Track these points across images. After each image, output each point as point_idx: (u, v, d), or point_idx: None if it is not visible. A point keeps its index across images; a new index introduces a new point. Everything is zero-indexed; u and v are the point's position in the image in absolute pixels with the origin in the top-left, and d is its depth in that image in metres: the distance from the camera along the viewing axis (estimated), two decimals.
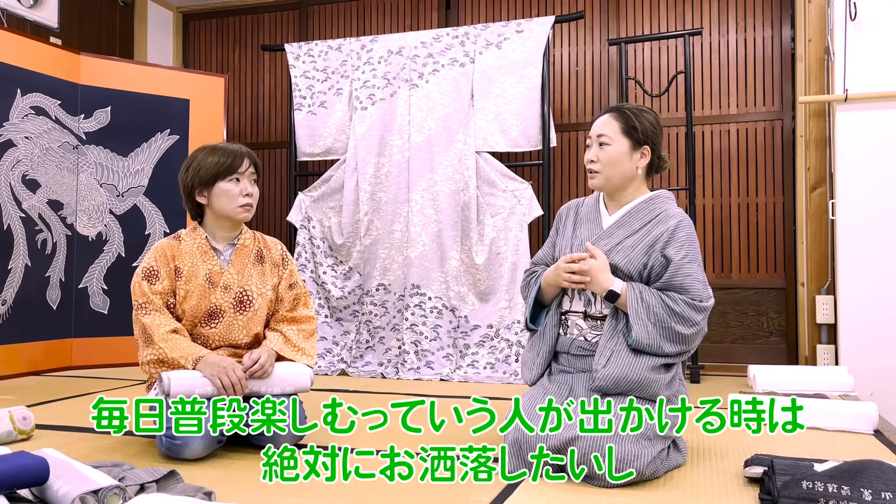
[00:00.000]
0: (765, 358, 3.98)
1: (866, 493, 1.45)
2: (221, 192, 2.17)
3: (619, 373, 1.86)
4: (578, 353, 2.02)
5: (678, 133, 4.22)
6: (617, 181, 2.04)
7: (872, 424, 2.38)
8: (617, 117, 2.05)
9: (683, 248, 1.94)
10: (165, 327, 2.09)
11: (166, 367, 2.05)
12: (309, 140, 4.22)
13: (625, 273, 1.96)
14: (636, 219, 2.03)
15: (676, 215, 2.00)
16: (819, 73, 3.73)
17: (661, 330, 1.87)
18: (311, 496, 1.66)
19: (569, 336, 2.05)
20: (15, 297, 3.61)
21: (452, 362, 3.79)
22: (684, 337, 1.87)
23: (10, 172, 3.60)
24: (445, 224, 3.87)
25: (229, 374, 2.01)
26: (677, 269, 1.91)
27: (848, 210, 3.43)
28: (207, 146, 2.23)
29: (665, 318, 1.87)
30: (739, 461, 1.94)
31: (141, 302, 2.12)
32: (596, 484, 1.73)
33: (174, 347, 2.06)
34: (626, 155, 2.02)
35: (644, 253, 1.96)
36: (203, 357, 2.05)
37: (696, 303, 1.88)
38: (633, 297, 1.89)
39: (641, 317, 1.87)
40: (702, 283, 1.92)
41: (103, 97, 4.02)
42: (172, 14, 5.21)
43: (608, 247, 2.01)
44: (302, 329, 2.30)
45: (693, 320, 1.88)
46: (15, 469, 1.44)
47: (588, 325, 2.02)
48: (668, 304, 1.88)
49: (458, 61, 3.96)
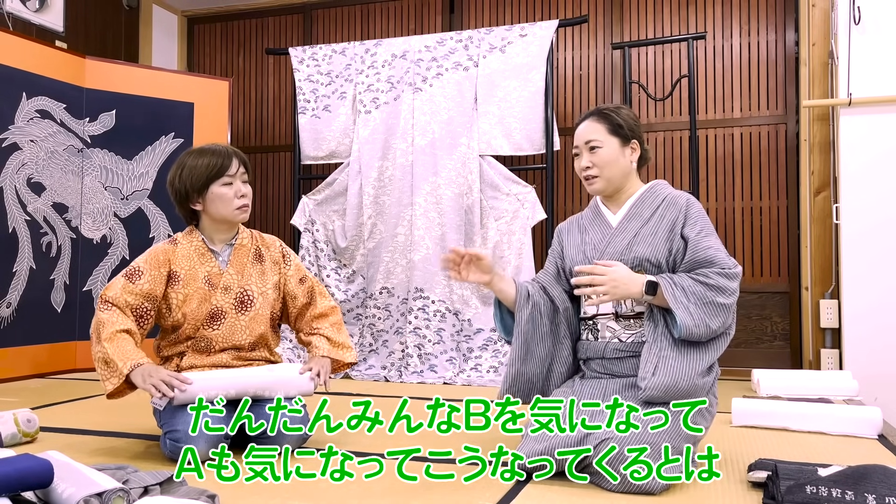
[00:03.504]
0: (769, 362, 3.97)
1: (870, 497, 1.45)
2: (216, 197, 2.15)
3: (668, 381, 1.82)
4: (615, 357, 1.98)
5: (682, 137, 4.22)
6: (617, 180, 2.05)
7: (877, 429, 2.37)
8: (599, 119, 2.06)
9: (697, 224, 1.95)
10: (116, 326, 2.02)
11: (109, 369, 1.98)
12: (313, 143, 4.23)
13: (653, 263, 1.95)
14: (643, 208, 2.03)
15: (682, 195, 2.03)
16: (823, 77, 3.73)
17: (704, 307, 1.84)
18: (313, 498, 1.66)
19: (600, 341, 2.01)
20: (20, 299, 3.62)
21: (456, 366, 3.79)
22: (725, 307, 1.85)
23: (15, 175, 3.61)
24: (449, 227, 3.87)
25: (153, 376, 1.96)
26: (697, 245, 1.92)
27: (852, 214, 3.42)
28: (192, 150, 2.20)
29: (703, 294, 1.84)
30: (743, 465, 1.93)
31: (108, 296, 2.07)
32: (607, 488, 1.70)
33: (116, 349, 1.99)
34: (619, 153, 2.04)
35: (667, 239, 1.96)
36: (140, 365, 1.98)
37: (726, 271, 1.87)
38: (667, 284, 1.86)
39: (681, 300, 1.83)
40: (724, 252, 1.92)
41: (108, 100, 4.03)
42: (177, 18, 5.23)
43: (626, 240, 1.99)
44: (334, 323, 2.30)
45: (729, 288, 1.86)
46: (19, 471, 1.44)
47: (621, 325, 1.99)
48: (702, 280, 1.86)
49: (462, 65, 3.97)
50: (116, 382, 1.98)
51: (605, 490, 1.71)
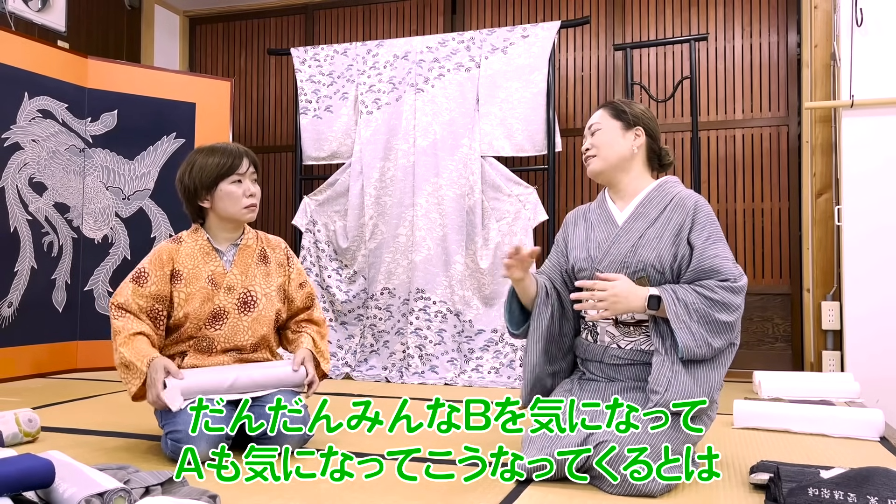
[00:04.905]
0: (770, 364, 3.97)
1: (873, 500, 1.45)
2: (225, 195, 2.16)
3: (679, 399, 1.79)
4: (613, 363, 1.97)
5: (684, 138, 4.21)
6: (614, 161, 2.03)
7: (878, 431, 2.36)
8: (605, 107, 2.11)
9: (706, 229, 1.90)
10: (130, 330, 2.06)
11: (130, 372, 2.02)
12: (314, 144, 4.23)
13: (657, 269, 1.91)
14: (650, 208, 1.99)
15: (691, 196, 1.97)
16: (825, 79, 3.72)
17: (706, 325, 1.80)
18: (313, 498, 1.66)
19: (599, 344, 2.00)
20: (21, 299, 3.62)
21: (457, 367, 3.79)
22: (728, 325, 1.82)
23: (17, 175, 3.61)
24: (450, 228, 3.87)
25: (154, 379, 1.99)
26: (703, 252, 1.88)
27: (854, 216, 3.42)
28: (203, 148, 2.22)
29: (706, 312, 1.80)
30: (745, 467, 1.93)
31: (119, 302, 2.10)
32: (607, 490, 1.70)
33: (132, 351, 2.03)
34: (618, 134, 2.04)
35: (672, 244, 1.92)
36: (154, 359, 2.02)
37: (731, 284, 1.83)
38: (670, 299, 1.82)
39: (683, 318, 1.80)
40: (731, 261, 1.88)
41: (110, 100, 4.03)
42: (179, 18, 5.24)
43: (631, 242, 1.95)
44: (320, 331, 2.32)
45: (733, 304, 1.82)
46: (20, 471, 1.44)
47: (620, 331, 1.96)
48: (706, 295, 1.82)
49: (464, 66, 3.97)
50: (139, 382, 2.02)
51: (604, 491, 1.71)
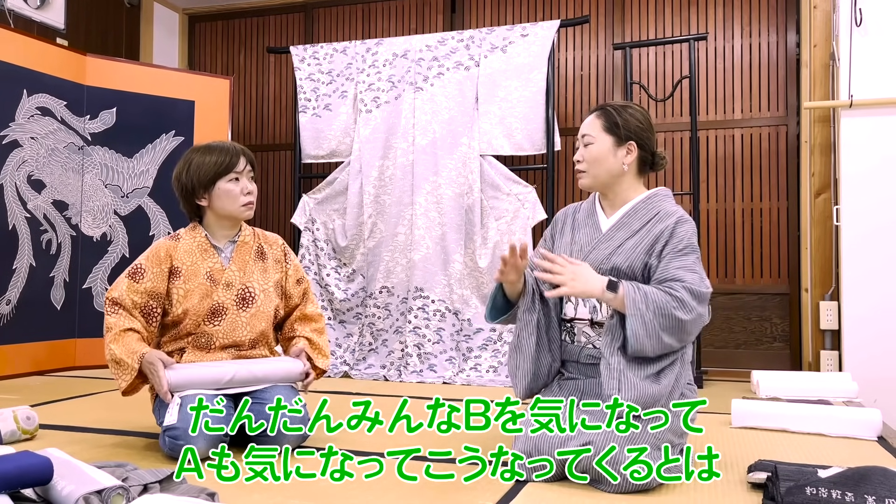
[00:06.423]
0: (768, 363, 3.97)
1: (870, 499, 1.45)
2: (222, 193, 2.17)
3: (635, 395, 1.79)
4: (589, 362, 1.98)
5: (682, 138, 4.22)
6: (603, 178, 2.02)
7: (876, 431, 2.37)
8: (600, 115, 2.03)
9: (680, 243, 1.90)
10: (120, 326, 2.07)
11: (120, 368, 2.04)
12: (313, 142, 4.23)
13: (627, 274, 1.92)
14: (635, 219, 1.99)
15: (675, 213, 1.96)
16: (824, 79, 3.73)
17: (661, 318, 1.78)
18: (313, 498, 1.66)
19: (576, 344, 2.02)
20: (19, 297, 3.62)
21: (455, 365, 3.79)
22: (682, 323, 1.79)
23: (15, 173, 3.61)
24: (449, 227, 3.87)
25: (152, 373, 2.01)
26: (671, 261, 1.87)
27: (852, 216, 3.42)
28: (199, 146, 2.23)
29: (664, 305, 1.79)
30: (743, 466, 1.93)
31: (113, 296, 2.10)
32: (605, 489, 1.70)
33: (122, 347, 2.04)
34: (609, 152, 2.00)
35: (646, 252, 1.92)
36: (144, 354, 2.03)
37: (693, 287, 1.82)
38: (629, 286, 1.82)
39: (639, 306, 1.79)
40: (699, 274, 1.86)
41: (109, 98, 4.03)
42: (178, 16, 5.23)
43: (609, 249, 1.97)
44: (316, 328, 2.33)
45: (691, 304, 1.80)
46: (19, 469, 1.44)
47: (595, 332, 1.98)
48: (667, 291, 1.82)
49: (463, 65, 3.96)
50: (129, 378, 2.03)
51: (604, 491, 1.71)
